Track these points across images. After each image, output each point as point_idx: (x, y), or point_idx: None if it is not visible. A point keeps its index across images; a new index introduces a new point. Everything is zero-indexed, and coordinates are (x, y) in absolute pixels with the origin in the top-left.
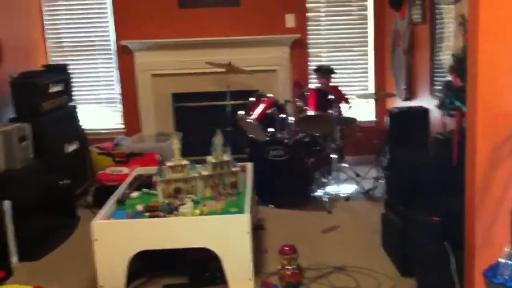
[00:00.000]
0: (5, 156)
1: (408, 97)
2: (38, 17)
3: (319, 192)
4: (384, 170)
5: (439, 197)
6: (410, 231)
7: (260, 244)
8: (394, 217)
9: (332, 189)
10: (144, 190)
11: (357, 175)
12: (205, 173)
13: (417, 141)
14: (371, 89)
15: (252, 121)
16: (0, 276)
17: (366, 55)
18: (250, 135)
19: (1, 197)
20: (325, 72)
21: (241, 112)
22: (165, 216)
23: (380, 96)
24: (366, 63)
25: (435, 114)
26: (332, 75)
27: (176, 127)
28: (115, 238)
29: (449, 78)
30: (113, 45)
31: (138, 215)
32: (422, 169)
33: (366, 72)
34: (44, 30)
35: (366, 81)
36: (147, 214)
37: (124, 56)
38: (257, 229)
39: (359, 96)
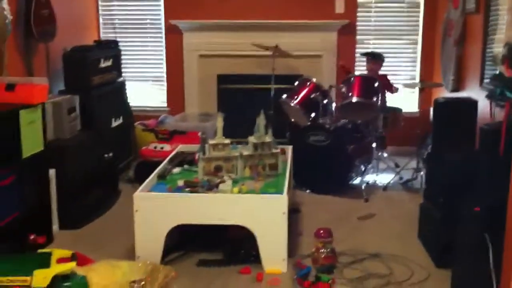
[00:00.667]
0: (54, 126)
1: (456, 88)
2: None
3: (357, 180)
4: (424, 162)
5: (482, 188)
6: (449, 222)
7: (295, 227)
8: (433, 208)
9: (370, 177)
10: (186, 166)
11: (396, 165)
12: (246, 153)
13: (463, 132)
14: (418, 79)
15: (294, 105)
16: (41, 241)
17: (415, 43)
18: (292, 119)
19: (48, 166)
20: (375, 57)
21: (285, 96)
22: (204, 192)
23: (427, 85)
24: (415, 52)
25: (484, 105)
26: (382, 63)
27: (219, 108)
28: (155, 210)
29: (500, 69)
30: (163, 24)
31: (178, 189)
32: (466, 161)
33: (414, 61)
34: (98, 7)
35: (414, 70)
36: (187, 189)
37: (173, 36)
38: (293, 212)
39: (406, 85)
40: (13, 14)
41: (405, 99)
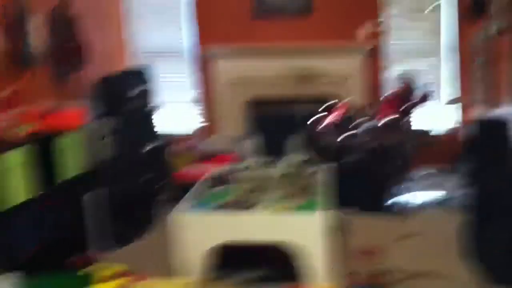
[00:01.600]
0: (89, 151)
1: (488, 108)
2: (122, 23)
3: (393, 200)
4: (461, 181)
5: None
6: (490, 239)
7: (334, 248)
8: (473, 226)
9: (407, 197)
10: (221, 187)
11: (434, 184)
12: (280, 173)
13: (500, 150)
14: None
15: (327, 126)
16: (81, 263)
17: (446, 64)
18: (323, 142)
19: (84, 190)
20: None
21: (315, 119)
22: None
23: (458, 105)
24: (446, 73)
25: None
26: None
27: (252, 131)
28: (193, 231)
29: None
30: (195, 51)
31: (215, 210)
32: (505, 177)
33: (445, 82)
34: (129, 35)
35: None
36: (224, 209)
37: (204, 63)
38: (330, 233)
39: (437, 107)
40: (44, 44)
41: (437, 119)
